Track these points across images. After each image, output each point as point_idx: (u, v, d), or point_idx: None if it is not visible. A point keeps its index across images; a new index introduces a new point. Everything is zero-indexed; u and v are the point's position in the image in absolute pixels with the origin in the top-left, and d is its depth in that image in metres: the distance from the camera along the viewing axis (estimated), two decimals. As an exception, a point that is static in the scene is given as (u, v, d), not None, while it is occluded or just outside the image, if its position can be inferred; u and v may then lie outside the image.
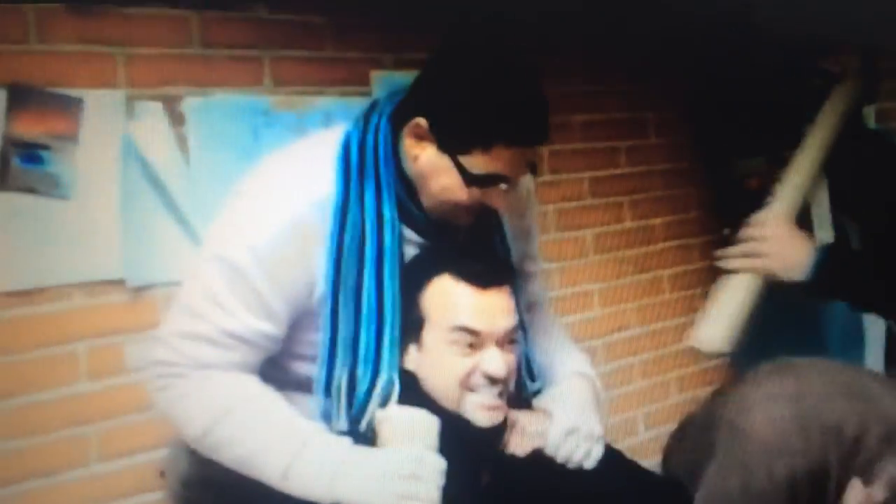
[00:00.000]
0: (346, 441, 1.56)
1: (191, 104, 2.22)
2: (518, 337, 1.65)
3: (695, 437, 1.80)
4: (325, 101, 2.38)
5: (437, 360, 1.59)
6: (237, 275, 1.55)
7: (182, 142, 2.21)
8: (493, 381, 1.57)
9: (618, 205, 3.16)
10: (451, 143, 1.54)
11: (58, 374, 2.09)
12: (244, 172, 1.67)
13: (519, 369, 1.67)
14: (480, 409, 1.58)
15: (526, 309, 1.81)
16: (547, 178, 2.93)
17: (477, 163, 1.53)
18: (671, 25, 2.99)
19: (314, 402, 1.62)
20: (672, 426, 1.98)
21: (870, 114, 3.82)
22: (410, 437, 1.53)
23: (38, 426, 2.06)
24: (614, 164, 3.15)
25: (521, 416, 1.66)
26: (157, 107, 2.18)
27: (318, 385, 1.61)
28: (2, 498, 2.01)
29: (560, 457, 1.64)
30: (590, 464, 1.65)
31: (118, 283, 2.15)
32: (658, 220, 3.21)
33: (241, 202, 1.62)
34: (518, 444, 1.64)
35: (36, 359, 2.06)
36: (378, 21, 2.49)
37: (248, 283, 1.55)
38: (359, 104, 1.91)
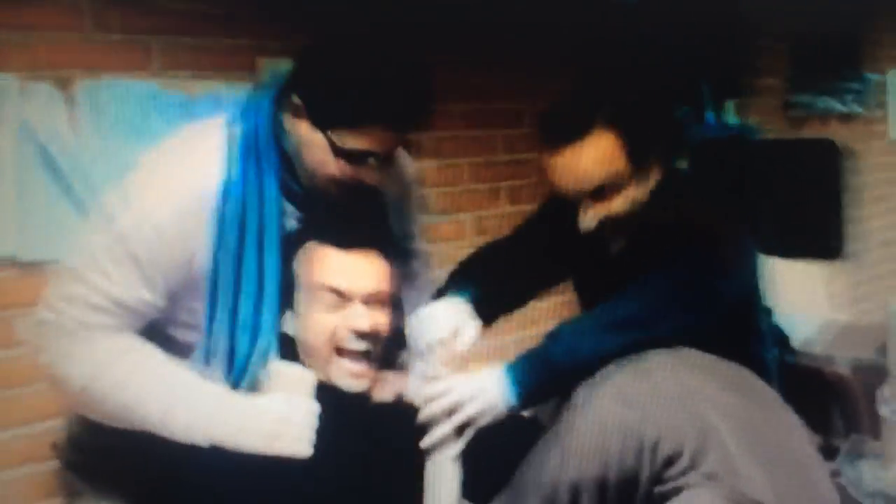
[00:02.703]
0: (223, 387, 1.65)
1: (83, 87, 2.26)
2: (388, 300, 1.73)
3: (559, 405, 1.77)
4: (213, 87, 2.43)
5: (307, 320, 1.69)
6: (122, 244, 1.62)
7: (74, 123, 2.25)
8: (359, 335, 1.66)
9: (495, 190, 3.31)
10: (322, 119, 1.63)
11: None
12: (134, 153, 1.72)
13: (393, 338, 1.76)
14: (347, 376, 1.68)
15: (407, 284, 1.91)
16: (429, 163, 3.06)
17: (345, 138, 1.62)
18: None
19: (195, 367, 1.68)
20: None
21: (731, 107, 4.06)
22: (287, 385, 1.63)
23: None
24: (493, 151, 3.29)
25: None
26: (50, 89, 2.22)
27: (200, 351, 1.68)
28: None
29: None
30: None
31: (10, 258, 2.19)
32: (534, 206, 3.32)
33: (131, 178, 1.68)
34: (380, 392, 1.75)
35: None
36: (265, 10, 2.54)
37: (130, 252, 1.61)
38: (246, 90, 1.96)
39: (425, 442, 1.65)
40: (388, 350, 1.77)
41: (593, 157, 1.72)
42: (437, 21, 2.91)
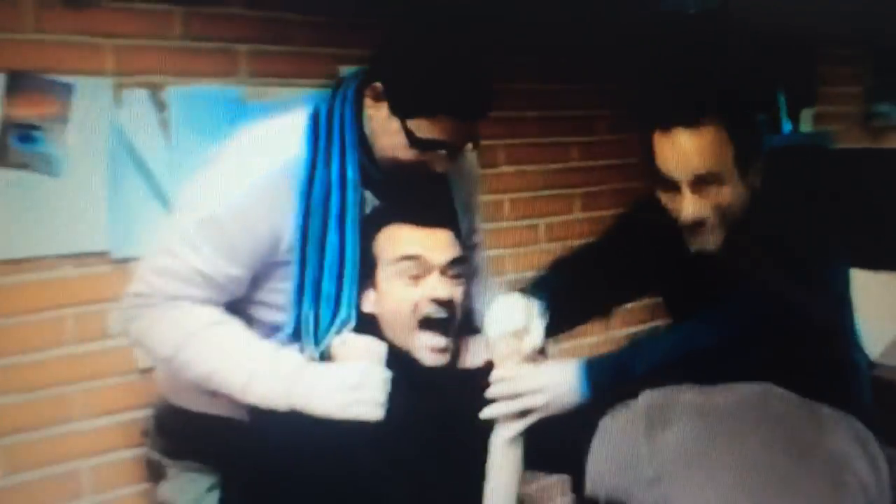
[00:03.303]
0: (300, 356, 1.72)
1: (173, 92, 2.35)
2: (463, 272, 1.80)
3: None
4: (295, 93, 2.45)
5: (388, 295, 1.76)
6: (212, 221, 1.71)
7: (164, 126, 2.34)
8: (440, 304, 1.73)
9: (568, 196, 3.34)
10: (400, 107, 1.70)
11: (47, 337, 2.22)
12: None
13: (466, 313, 1.82)
14: (428, 350, 1.74)
15: (468, 276, 1.95)
16: (503, 168, 3.12)
17: (421, 127, 1.69)
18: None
19: (281, 341, 1.76)
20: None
21: (808, 116, 4.03)
22: (359, 355, 1.71)
23: (28, 384, 2.19)
24: (566, 157, 3.33)
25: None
26: (142, 94, 2.30)
27: (288, 326, 1.76)
28: (-6, 449, 2.13)
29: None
30: None
31: (103, 254, 2.27)
32: (607, 213, 3.34)
33: (219, 162, 1.77)
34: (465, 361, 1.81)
35: (27, 323, 2.19)
36: (346, 19, 2.61)
37: (220, 229, 1.71)
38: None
39: (485, 413, 1.71)
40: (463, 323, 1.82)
41: (704, 144, 1.73)
42: (514, 30, 2.97)
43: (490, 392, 1.72)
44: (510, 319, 1.79)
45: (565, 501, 1.63)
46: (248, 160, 1.76)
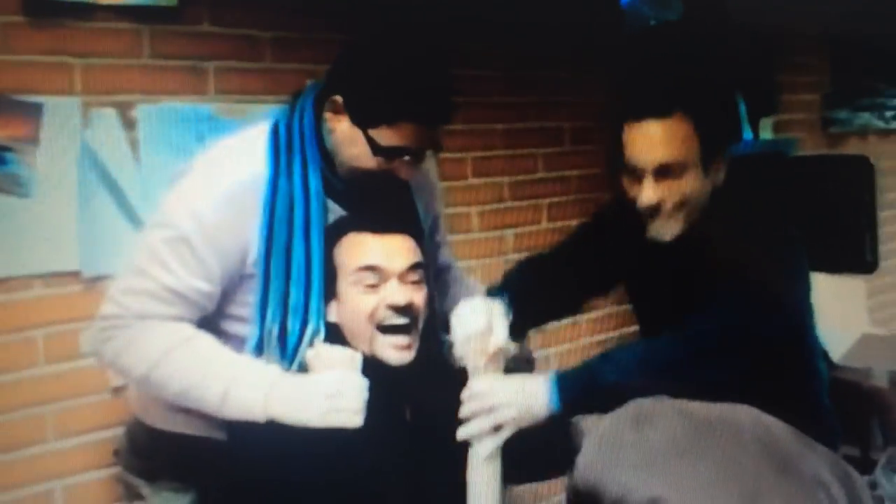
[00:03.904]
0: (277, 368, 1.73)
1: (142, 111, 2.35)
2: (422, 277, 1.81)
3: None
4: (264, 109, 2.41)
5: (348, 303, 1.78)
6: (179, 238, 1.72)
7: (133, 145, 2.34)
8: (397, 310, 1.75)
9: (536, 207, 3.37)
10: (361, 118, 1.72)
11: (18, 357, 2.21)
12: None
13: (430, 318, 1.84)
14: (390, 349, 1.76)
15: (439, 273, 2.02)
16: (471, 181, 3.15)
17: (383, 135, 1.72)
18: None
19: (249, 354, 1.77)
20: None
21: (767, 125, 4.09)
22: (333, 364, 1.72)
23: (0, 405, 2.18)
24: (533, 169, 3.36)
25: None
26: (111, 113, 2.30)
27: (252, 338, 1.77)
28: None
29: None
30: None
31: (74, 274, 2.26)
32: (574, 222, 3.38)
33: (185, 179, 1.78)
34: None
35: None
36: (313, 35, 2.62)
37: (188, 246, 1.72)
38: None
39: (461, 433, 1.74)
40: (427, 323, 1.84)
41: (669, 135, 1.84)
42: (476, 39, 2.99)
43: (463, 411, 1.75)
44: (474, 321, 1.81)
45: (556, 500, 1.65)
46: (214, 176, 1.77)
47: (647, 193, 1.86)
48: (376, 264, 1.76)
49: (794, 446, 1.59)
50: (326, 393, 1.68)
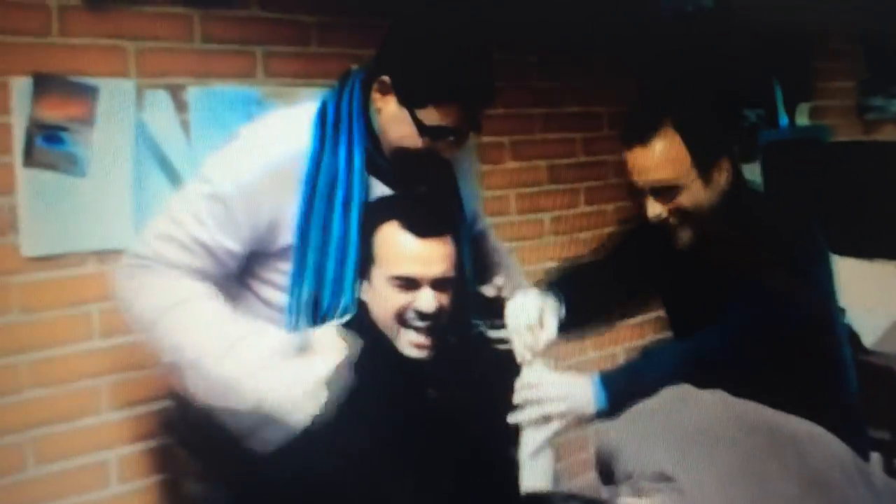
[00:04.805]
0: (282, 333, 1.78)
1: (192, 93, 2.41)
2: (453, 282, 1.85)
3: None
4: (310, 93, 2.44)
5: (379, 294, 1.82)
6: (217, 196, 1.78)
7: (185, 126, 2.39)
8: (422, 316, 1.79)
9: (574, 191, 3.41)
10: (409, 98, 1.78)
11: (74, 331, 2.26)
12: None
13: (456, 311, 1.88)
14: (410, 345, 1.81)
15: (485, 254, 2.08)
16: (509, 164, 3.18)
17: (430, 115, 1.77)
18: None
19: (280, 321, 1.82)
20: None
21: (804, 110, 4.10)
22: (321, 351, 1.75)
23: (55, 378, 2.23)
24: (571, 153, 3.40)
25: None
26: (163, 95, 2.36)
27: (287, 307, 1.83)
28: (25, 439, 2.18)
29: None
30: None
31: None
32: (610, 206, 3.44)
33: (234, 145, 1.85)
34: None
35: (55, 318, 2.23)
36: (359, 19, 2.66)
37: (224, 205, 1.78)
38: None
39: (511, 419, 1.79)
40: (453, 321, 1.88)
41: (659, 156, 1.91)
42: (516, 24, 3.02)
43: (515, 398, 1.81)
44: (525, 314, 1.86)
45: (589, 477, 1.68)
46: (261, 145, 1.83)
47: (650, 210, 1.96)
48: (413, 276, 1.79)
49: (843, 475, 1.51)
50: (287, 377, 1.72)
